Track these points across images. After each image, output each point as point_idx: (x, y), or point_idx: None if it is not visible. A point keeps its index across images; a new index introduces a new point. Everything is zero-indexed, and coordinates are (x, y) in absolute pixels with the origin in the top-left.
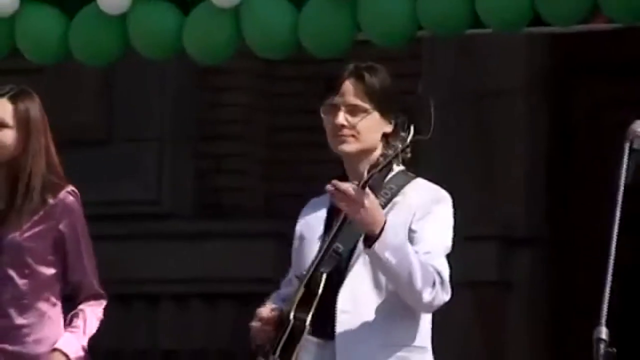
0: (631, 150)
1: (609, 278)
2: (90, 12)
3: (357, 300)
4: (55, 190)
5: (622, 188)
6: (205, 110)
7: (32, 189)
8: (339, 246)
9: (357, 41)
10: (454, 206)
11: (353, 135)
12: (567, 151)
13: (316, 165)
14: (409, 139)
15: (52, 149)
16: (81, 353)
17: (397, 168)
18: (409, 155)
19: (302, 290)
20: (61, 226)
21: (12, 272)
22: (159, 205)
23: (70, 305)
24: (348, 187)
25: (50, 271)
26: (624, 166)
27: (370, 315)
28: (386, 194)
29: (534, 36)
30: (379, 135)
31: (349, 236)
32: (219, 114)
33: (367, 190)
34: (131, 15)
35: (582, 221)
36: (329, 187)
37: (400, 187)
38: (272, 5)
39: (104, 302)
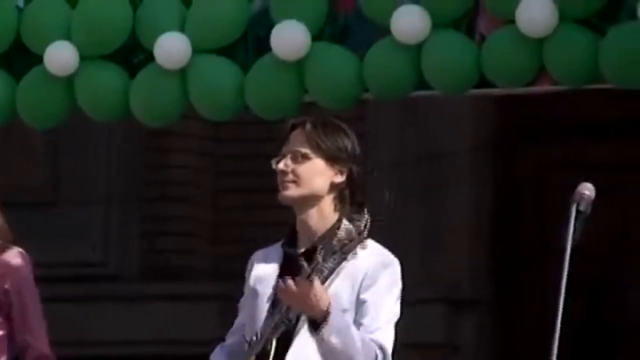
0: (578, 211)
1: (557, 339)
2: (37, 74)
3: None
4: (1, 249)
5: (569, 249)
6: (152, 172)
7: None
8: (292, 315)
9: (304, 103)
10: (402, 269)
11: (294, 181)
12: (512, 213)
13: (263, 228)
14: (363, 225)
15: (0, 211)
16: None
17: (344, 226)
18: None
19: (252, 358)
20: (6, 286)
21: None
22: (106, 267)
23: None
24: (291, 286)
25: None
26: (571, 227)
27: None
28: (334, 260)
29: (480, 98)
30: (323, 183)
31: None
32: (165, 175)
33: (314, 280)
34: (78, 77)
35: (527, 282)
36: (280, 285)
37: (349, 251)
38: (218, 67)
39: None
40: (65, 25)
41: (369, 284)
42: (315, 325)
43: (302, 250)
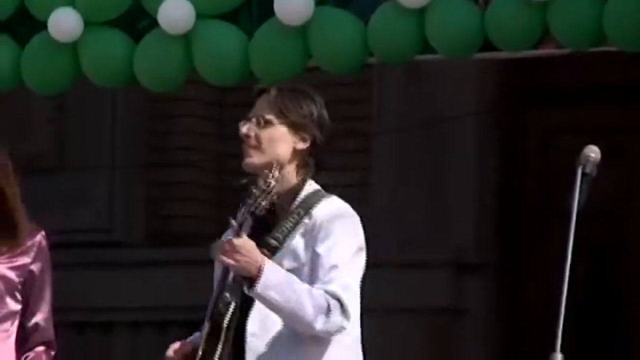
0: (583, 174)
1: (564, 304)
2: (41, 40)
3: (265, 324)
4: (32, 230)
5: (575, 212)
6: (157, 138)
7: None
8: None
9: (308, 68)
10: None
11: (255, 147)
12: (517, 176)
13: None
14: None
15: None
16: None
17: (310, 187)
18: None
19: (207, 324)
20: (33, 267)
21: None
22: (111, 233)
23: (21, 345)
24: (220, 245)
25: (15, 307)
26: (577, 190)
27: (279, 339)
28: (293, 218)
29: (484, 62)
30: (286, 149)
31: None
32: (170, 141)
33: (242, 236)
34: (82, 43)
35: (533, 246)
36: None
37: (309, 209)
38: (222, 32)
39: (53, 353)
40: None
41: (323, 237)
42: (251, 284)
43: (263, 209)
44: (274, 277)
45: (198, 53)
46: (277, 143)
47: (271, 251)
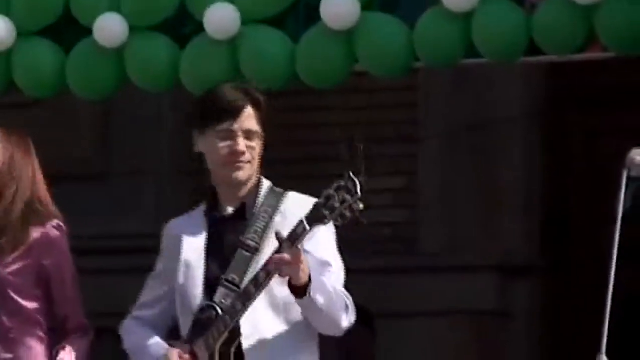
0: (629, 178)
1: (609, 306)
2: (87, 46)
3: (257, 326)
4: (39, 223)
5: (620, 215)
6: None
7: (11, 213)
8: (234, 277)
9: (354, 72)
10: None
11: (249, 162)
12: (564, 180)
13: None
14: (357, 194)
15: (41, 185)
16: None
17: (265, 184)
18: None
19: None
20: (45, 261)
21: None
22: (158, 239)
23: (56, 338)
24: (286, 255)
25: (35, 306)
26: (623, 194)
27: (274, 340)
28: (264, 217)
29: (530, 66)
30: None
31: (240, 265)
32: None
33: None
34: (128, 48)
35: (580, 249)
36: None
37: (276, 207)
38: (268, 36)
39: (90, 335)
40: None
41: (311, 235)
42: (300, 290)
43: (230, 212)
44: (319, 281)
45: (244, 58)
46: (259, 156)
47: (251, 251)
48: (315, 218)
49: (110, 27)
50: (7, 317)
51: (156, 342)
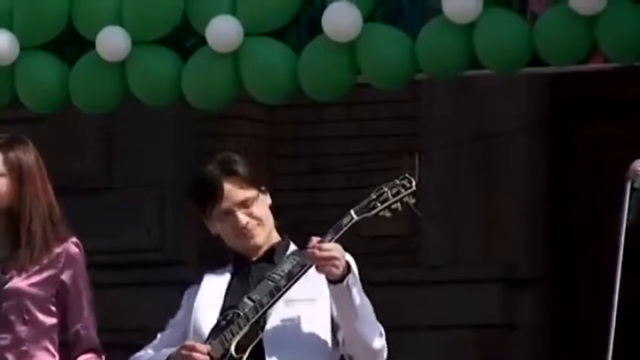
0: (632, 189)
1: (614, 318)
2: (89, 60)
3: (278, 330)
4: (59, 239)
5: (624, 227)
6: (206, 157)
7: (33, 234)
8: (257, 297)
9: (357, 84)
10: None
11: (259, 225)
12: (567, 190)
13: (317, 209)
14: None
15: (52, 196)
16: None
17: (292, 246)
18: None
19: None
20: (64, 277)
21: (12, 319)
22: (161, 252)
23: (67, 356)
24: (331, 250)
25: (50, 320)
26: (626, 205)
27: (294, 346)
28: (292, 262)
29: (533, 76)
30: (269, 211)
31: (263, 290)
32: None
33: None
34: (130, 62)
35: (584, 260)
36: (311, 250)
37: (304, 259)
38: (271, 49)
39: (102, 357)
40: (117, 10)
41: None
42: (337, 279)
43: (258, 256)
44: (357, 276)
45: (246, 70)
46: (267, 209)
47: (275, 282)
48: (365, 208)
49: (112, 41)
50: (22, 329)
51: (166, 350)
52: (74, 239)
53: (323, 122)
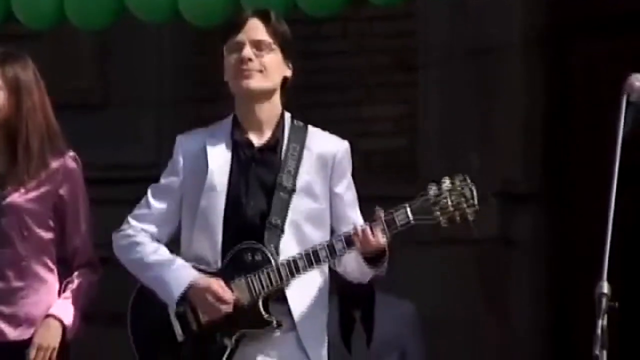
0: (628, 102)
1: (610, 232)
2: None
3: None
4: (57, 154)
5: (620, 140)
6: (204, 73)
7: (30, 148)
8: (277, 220)
9: (353, 0)
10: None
11: (260, 71)
12: (564, 106)
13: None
14: (472, 199)
15: (50, 111)
16: (75, 320)
17: (287, 117)
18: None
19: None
20: (62, 191)
21: (11, 234)
22: (158, 168)
23: (64, 270)
24: (375, 239)
25: (48, 235)
26: (622, 119)
27: (312, 287)
28: (293, 155)
29: None
30: (280, 77)
31: (279, 207)
32: (217, 76)
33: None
34: None
35: (581, 175)
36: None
37: (302, 143)
38: None
39: (99, 271)
40: None
41: (340, 175)
42: (373, 260)
43: (260, 144)
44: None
45: None
46: (276, 69)
47: (287, 193)
48: (423, 212)
49: None
50: (22, 245)
51: (180, 263)
52: (72, 153)
53: (319, 39)
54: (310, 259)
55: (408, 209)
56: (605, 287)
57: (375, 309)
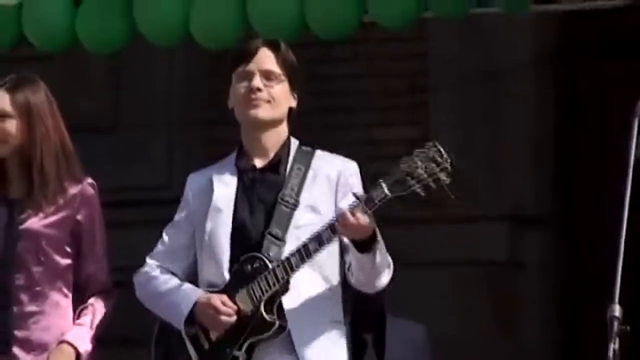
0: None
1: (621, 255)
2: None
3: (296, 280)
4: (75, 180)
5: (632, 164)
6: (215, 96)
7: (46, 173)
8: (277, 231)
9: (364, 23)
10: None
11: (268, 101)
12: (574, 129)
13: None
14: (443, 169)
15: (64, 132)
16: (89, 347)
17: (294, 142)
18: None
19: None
20: (79, 217)
21: (27, 259)
22: (169, 190)
23: (79, 297)
24: (356, 220)
25: (64, 261)
26: (634, 142)
27: (310, 294)
28: (297, 173)
29: (541, 14)
30: (287, 107)
31: (281, 219)
32: (227, 98)
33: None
34: (138, 1)
35: (591, 198)
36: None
37: (308, 164)
38: None
39: (114, 297)
40: None
41: (346, 193)
42: (363, 246)
43: (263, 165)
44: (380, 239)
45: (253, 9)
46: (285, 100)
47: (290, 207)
48: (398, 184)
49: None
50: (37, 270)
51: (189, 286)
52: (90, 180)
53: (329, 61)
54: (302, 253)
55: (383, 184)
56: (617, 310)
57: (386, 332)
